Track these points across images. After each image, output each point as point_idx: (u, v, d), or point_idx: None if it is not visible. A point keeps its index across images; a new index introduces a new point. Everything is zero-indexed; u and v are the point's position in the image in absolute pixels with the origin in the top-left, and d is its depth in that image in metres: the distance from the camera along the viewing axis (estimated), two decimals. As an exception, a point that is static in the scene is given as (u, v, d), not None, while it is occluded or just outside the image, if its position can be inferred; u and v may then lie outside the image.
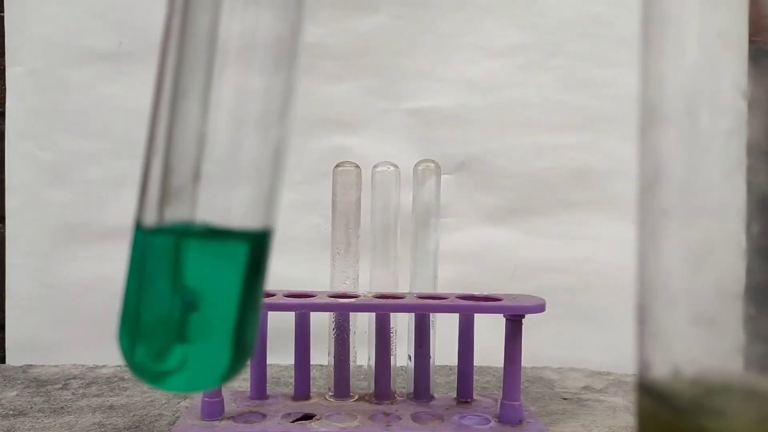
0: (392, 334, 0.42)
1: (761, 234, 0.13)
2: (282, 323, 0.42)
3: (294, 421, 0.39)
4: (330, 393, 0.43)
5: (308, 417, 0.39)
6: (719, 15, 0.13)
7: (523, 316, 0.39)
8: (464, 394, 0.43)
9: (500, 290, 0.49)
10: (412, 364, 0.43)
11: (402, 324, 0.44)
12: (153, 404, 0.45)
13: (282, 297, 0.40)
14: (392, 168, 0.42)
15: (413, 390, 0.43)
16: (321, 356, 0.44)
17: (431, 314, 0.42)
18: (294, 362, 0.42)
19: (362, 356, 0.44)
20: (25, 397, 0.47)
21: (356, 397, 0.43)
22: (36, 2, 0.57)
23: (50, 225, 0.57)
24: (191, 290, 0.15)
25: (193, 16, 0.15)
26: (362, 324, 0.44)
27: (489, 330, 0.45)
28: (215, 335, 0.15)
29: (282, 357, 0.48)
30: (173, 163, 0.15)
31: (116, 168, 0.57)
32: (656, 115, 0.14)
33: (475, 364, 0.43)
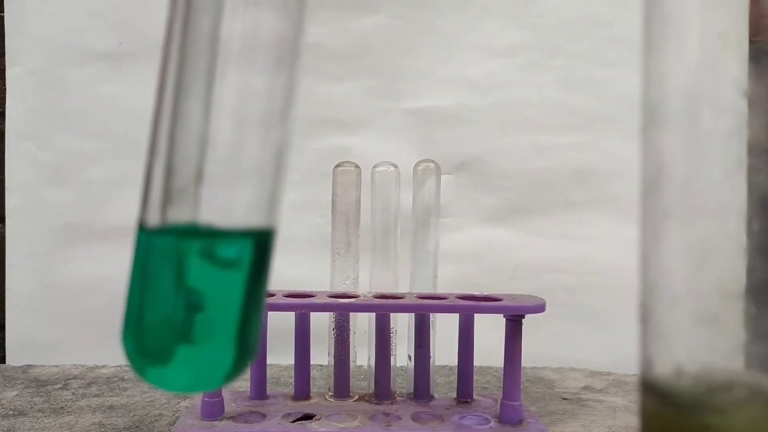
0: (392, 334, 0.42)
1: (762, 232, 0.13)
2: (282, 323, 0.42)
3: (294, 421, 0.39)
4: (330, 393, 0.43)
5: (308, 417, 0.39)
6: (720, 15, 0.13)
7: (523, 316, 0.39)
8: (464, 394, 0.43)
9: (500, 290, 0.49)
10: (412, 364, 0.43)
11: (402, 324, 0.44)
12: (153, 404, 0.45)
13: (282, 297, 0.40)
14: (392, 168, 0.42)
15: (413, 390, 0.43)
16: (321, 356, 0.44)
17: (431, 314, 0.42)
18: (294, 362, 0.42)
19: (362, 356, 0.44)
20: (25, 397, 0.47)
21: (356, 397, 0.43)
22: (36, 2, 0.57)
23: (50, 225, 0.57)
24: (194, 290, 0.15)
25: (195, 17, 0.15)
26: (362, 324, 0.44)
27: (489, 330, 0.45)
28: (219, 335, 0.15)
29: (282, 357, 0.48)
30: (176, 164, 0.15)
31: (116, 168, 0.57)
32: (658, 115, 0.14)
33: (475, 364, 0.43)
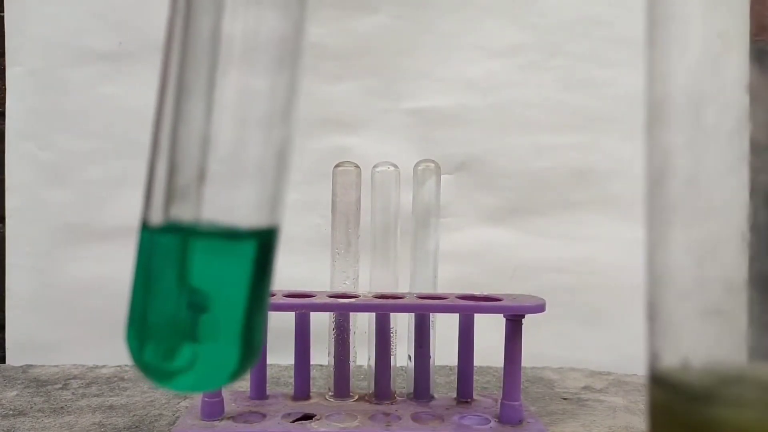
0: (392, 334, 0.42)
1: (765, 226, 0.13)
2: (282, 323, 0.42)
3: (294, 421, 0.39)
4: (330, 393, 0.43)
5: (308, 417, 0.39)
6: (722, 14, 0.13)
7: (523, 316, 0.39)
8: (464, 394, 0.43)
9: (500, 290, 0.49)
10: (412, 364, 0.43)
11: (402, 324, 0.44)
12: (153, 404, 0.45)
13: (282, 297, 0.40)
14: (392, 168, 0.42)
15: (413, 390, 0.43)
16: (321, 356, 0.44)
17: (431, 314, 0.42)
18: (294, 362, 0.42)
19: (362, 356, 0.44)
20: (25, 397, 0.47)
21: (356, 397, 0.43)
22: (36, 2, 0.57)
23: (50, 225, 0.57)
24: (198, 289, 0.15)
25: (196, 17, 0.15)
26: (362, 324, 0.44)
27: (489, 330, 0.45)
28: (224, 334, 0.15)
29: (282, 357, 0.48)
30: (178, 163, 0.15)
31: (116, 168, 0.57)
32: (662, 113, 0.14)
33: (475, 364, 0.43)
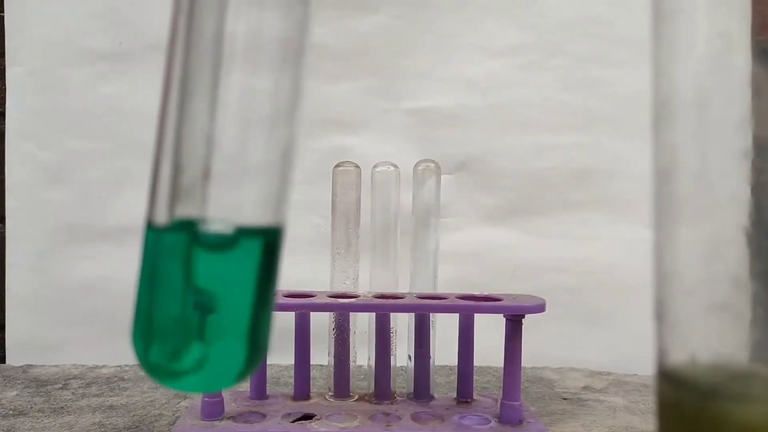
0: (392, 334, 0.42)
1: None
2: (282, 323, 0.42)
3: (294, 421, 0.39)
4: (330, 393, 0.43)
5: (308, 417, 0.39)
6: (723, 14, 0.13)
7: (523, 316, 0.39)
8: (464, 394, 0.43)
9: (500, 290, 0.49)
10: (412, 364, 0.43)
11: (402, 324, 0.44)
12: (153, 404, 0.45)
13: (282, 297, 0.40)
14: (392, 168, 0.42)
15: (413, 390, 0.43)
16: (321, 356, 0.44)
17: (431, 314, 0.42)
18: (294, 362, 0.42)
19: (362, 356, 0.44)
20: (25, 397, 0.47)
21: (356, 397, 0.43)
22: (36, 2, 0.57)
23: (50, 225, 0.57)
24: (204, 289, 0.15)
25: (199, 17, 0.15)
26: (362, 324, 0.44)
27: (489, 330, 0.45)
28: (230, 333, 0.15)
29: (282, 357, 0.48)
30: (182, 162, 0.15)
31: (116, 168, 0.57)
32: (669, 110, 0.14)
33: (475, 364, 0.43)
